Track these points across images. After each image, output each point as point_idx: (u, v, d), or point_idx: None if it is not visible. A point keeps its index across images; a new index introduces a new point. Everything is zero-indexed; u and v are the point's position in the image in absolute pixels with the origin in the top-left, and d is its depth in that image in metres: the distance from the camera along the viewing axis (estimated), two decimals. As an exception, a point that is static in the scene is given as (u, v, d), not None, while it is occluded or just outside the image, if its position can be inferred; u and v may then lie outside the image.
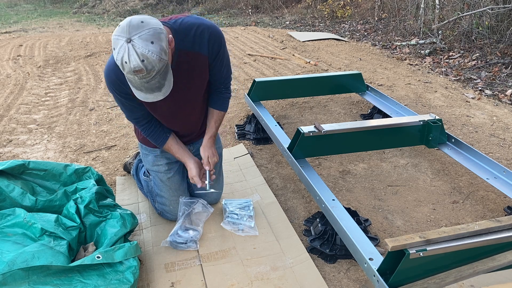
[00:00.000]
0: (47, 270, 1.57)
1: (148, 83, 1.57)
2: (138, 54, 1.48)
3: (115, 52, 1.52)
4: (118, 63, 1.53)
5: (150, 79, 1.56)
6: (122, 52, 1.50)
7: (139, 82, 1.57)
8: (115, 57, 1.54)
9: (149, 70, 1.52)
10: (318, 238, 2.10)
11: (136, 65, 1.49)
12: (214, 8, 12.05)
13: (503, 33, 5.53)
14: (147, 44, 1.49)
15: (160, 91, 1.62)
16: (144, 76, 1.54)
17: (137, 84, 1.59)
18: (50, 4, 14.59)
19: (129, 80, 1.61)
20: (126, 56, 1.49)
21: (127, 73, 1.55)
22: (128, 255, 1.75)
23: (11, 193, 1.91)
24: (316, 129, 2.46)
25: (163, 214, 2.31)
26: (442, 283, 1.52)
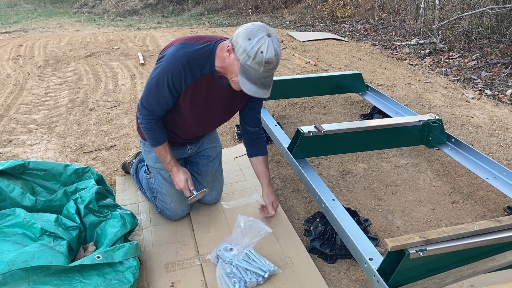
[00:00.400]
0: (47, 270, 1.57)
1: (265, 79, 1.70)
2: (275, 49, 1.65)
3: (251, 43, 1.64)
4: (252, 53, 1.64)
5: (269, 75, 1.70)
6: (261, 43, 1.63)
7: (260, 74, 1.68)
8: (251, 47, 1.64)
9: (275, 66, 1.68)
10: (318, 238, 2.10)
11: (270, 56, 1.64)
12: (214, 8, 12.05)
13: (503, 33, 5.53)
14: (278, 44, 1.69)
15: (268, 90, 1.75)
16: (269, 69, 1.67)
17: (256, 76, 1.69)
18: (50, 4, 14.59)
19: (249, 71, 1.68)
20: (264, 47, 1.63)
21: (257, 63, 1.65)
22: (128, 255, 1.75)
23: (11, 193, 1.90)
24: (316, 129, 2.46)
25: (164, 213, 2.29)
26: (442, 283, 1.52)
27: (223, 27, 9.16)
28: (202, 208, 2.39)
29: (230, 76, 1.81)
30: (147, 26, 9.92)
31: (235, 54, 1.72)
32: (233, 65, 1.75)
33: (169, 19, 11.08)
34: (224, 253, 1.93)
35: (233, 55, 1.73)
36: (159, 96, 1.90)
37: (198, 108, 1.98)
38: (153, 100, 1.92)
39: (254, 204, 2.41)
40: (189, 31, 8.35)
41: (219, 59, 1.83)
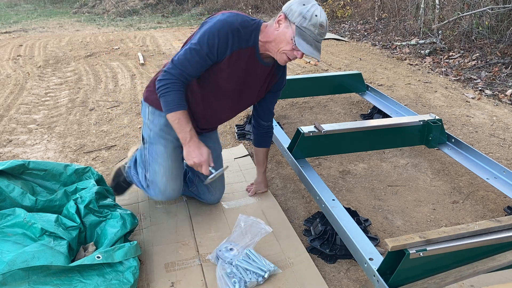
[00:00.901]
0: (47, 270, 1.57)
1: (318, 42, 1.80)
2: (325, 16, 1.80)
3: (307, 6, 1.76)
4: (308, 15, 1.75)
5: (321, 39, 1.81)
6: (314, 8, 1.77)
7: (314, 36, 1.77)
8: (306, 10, 1.75)
9: (325, 30, 1.81)
10: (318, 238, 2.10)
11: (323, 20, 1.78)
12: (214, 8, 12.05)
13: (503, 33, 5.53)
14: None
15: (319, 53, 1.83)
16: (322, 33, 1.79)
17: (311, 38, 1.78)
18: (50, 4, 14.59)
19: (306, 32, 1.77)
20: (318, 11, 1.77)
21: (312, 25, 1.76)
22: (128, 255, 1.75)
23: (11, 193, 1.90)
24: (316, 129, 2.46)
25: (152, 188, 2.09)
26: (442, 283, 1.52)
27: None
28: (202, 208, 2.39)
29: (279, 47, 1.83)
30: (147, 26, 9.93)
31: (288, 21, 1.79)
32: (284, 34, 1.80)
33: (169, 19, 11.08)
34: (224, 253, 1.93)
35: (284, 23, 1.80)
36: (199, 55, 1.81)
37: (235, 79, 1.95)
38: (190, 59, 1.81)
39: (254, 205, 2.41)
40: (189, 31, 8.35)
41: (264, 34, 1.87)
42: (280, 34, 1.81)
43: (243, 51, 1.87)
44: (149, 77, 5.07)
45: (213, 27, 1.80)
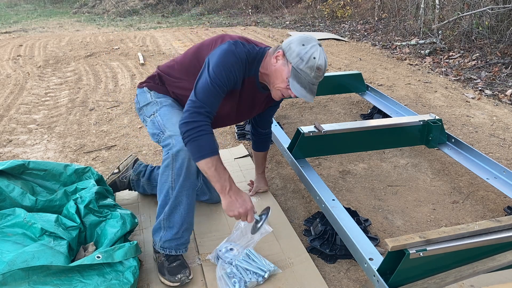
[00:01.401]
0: (47, 270, 1.57)
1: (313, 85, 1.76)
2: (325, 58, 1.75)
3: (305, 48, 1.72)
4: (305, 57, 1.71)
5: (317, 82, 1.77)
6: (314, 49, 1.72)
7: (310, 79, 1.73)
8: (304, 52, 1.71)
9: (323, 73, 1.76)
10: (318, 238, 2.10)
11: (322, 63, 1.73)
12: (214, 8, 12.06)
13: (503, 33, 5.53)
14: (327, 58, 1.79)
15: (313, 96, 1.80)
16: (318, 76, 1.75)
17: (306, 81, 1.74)
18: (50, 4, 14.59)
19: (301, 75, 1.73)
20: (317, 53, 1.72)
21: (308, 67, 1.71)
22: (128, 255, 1.75)
23: (11, 193, 1.90)
24: (316, 129, 2.46)
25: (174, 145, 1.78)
26: (442, 283, 1.52)
27: (223, 27, 9.16)
28: (202, 208, 2.39)
29: (275, 83, 1.82)
30: (147, 26, 9.93)
31: (285, 59, 1.75)
32: (281, 71, 1.77)
33: (169, 19, 11.08)
34: (224, 253, 1.93)
35: (282, 61, 1.76)
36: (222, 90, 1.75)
37: (237, 105, 1.95)
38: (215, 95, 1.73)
39: (254, 205, 2.41)
40: (189, 31, 8.35)
41: (263, 64, 1.85)
42: (276, 70, 1.79)
43: (247, 80, 1.88)
44: (149, 77, 5.07)
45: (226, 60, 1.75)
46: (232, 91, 1.83)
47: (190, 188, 1.84)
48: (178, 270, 1.83)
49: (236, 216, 1.73)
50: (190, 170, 1.80)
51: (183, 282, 1.81)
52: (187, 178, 1.80)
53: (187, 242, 1.92)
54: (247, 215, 1.74)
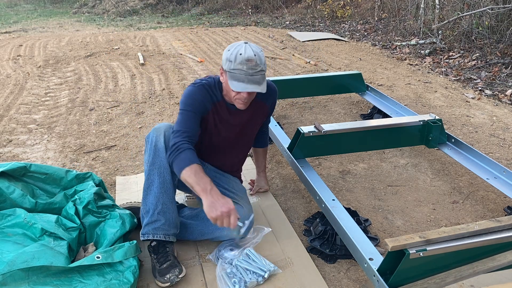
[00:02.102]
0: (47, 270, 1.57)
1: (251, 76, 1.82)
2: (253, 50, 1.83)
3: (230, 51, 1.83)
4: (232, 57, 1.81)
5: (255, 72, 1.82)
6: (238, 48, 1.83)
7: (245, 72, 1.80)
8: (230, 54, 1.82)
9: (257, 63, 1.82)
10: (318, 238, 2.10)
11: (250, 55, 1.81)
12: (214, 8, 12.06)
13: (503, 33, 5.53)
14: (259, 48, 1.88)
15: (259, 86, 1.84)
16: (253, 67, 1.81)
17: (241, 75, 1.81)
18: (50, 4, 14.59)
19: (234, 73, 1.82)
20: (242, 50, 1.82)
21: (239, 63, 1.80)
22: (128, 254, 1.75)
23: (11, 194, 1.90)
24: (316, 129, 2.46)
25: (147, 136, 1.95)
26: (442, 283, 1.52)
27: (223, 27, 9.16)
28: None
29: (230, 96, 1.93)
30: (147, 26, 9.93)
31: (224, 71, 1.88)
32: (226, 83, 1.89)
33: (169, 19, 11.08)
34: (224, 253, 1.93)
35: (224, 74, 1.89)
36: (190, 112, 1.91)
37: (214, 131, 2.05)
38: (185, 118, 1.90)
39: (254, 204, 2.41)
40: (189, 31, 8.35)
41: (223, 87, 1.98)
42: (225, 85, 1.93)
43: (217, 104, 2.00)
44: (149, 77, 5.07)
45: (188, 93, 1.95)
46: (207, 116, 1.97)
47: (161, 166, 1.87)
48: (167, 271, 1.81)
49: (218, 216, 1.68)
50: (158, 146, 1.87)
51: (173, 282, 1.79)
52: (155, 155, 1.87)
53: (165, 227, 1.86)
54: (230, 216, 1.69)
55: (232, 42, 7.03)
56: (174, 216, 1.92)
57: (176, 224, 1.95)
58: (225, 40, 7.21)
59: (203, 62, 5.75)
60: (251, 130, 2.19)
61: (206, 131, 2.03)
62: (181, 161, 1.78)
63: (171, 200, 1.91)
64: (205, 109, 1.96)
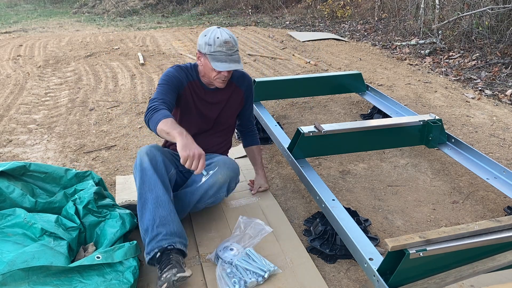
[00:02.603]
0: (47, 270, 1.57)
1: (231, 56, 2.03)
2: (227, 33, 2.04)
3: (207, 36, 2.03)
4: (211, 41, 2.01)
5: (233, 52, 2.04)
6: (214, 33, 2.03)
7: (225, 53, 2.01)
8: (208, 39, 2.02)
9: (233, 44, 2.04)
10: (318, 238, 2.10)
11: (226, 37, 2.02)
12: (214, 8, 12.05)
13: (503, 33, 5.53)
14: (230, 32, 2.07)
15: (239, 64, 2.06)
16: (231, 47, 2.02)
17: (223, 56, 2.02)
18: (50, 4, 14.59)
19: (216, 55, 2.01)
20: (218, 33, 2.02)
21: (218, 46, 2.00)
22: (128, 255, 1.75)
23: (11, 194, 1.90)
24: (316, 129, 2.46)
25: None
26: (442, 283, 1.52)
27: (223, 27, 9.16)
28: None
29: (210, 76, 2.11)
30: (147, 26, 9.93)
31: (202, 54, 2.07)
32: (206, 65, 2.08)
33: (169, 19, 11.08)
34: (224, 253, 1.93)
35: (202, 57, 2.08)
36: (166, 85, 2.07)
37: (191, 110, 2.21)
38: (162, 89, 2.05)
39: (254, 205, 2.41)
40: (189, 31, 8.35)
41: (200, 70, 2.18)
42: (204, 67, 2.11)
43: (192, 83, 2.19)
44: (149, 77, 5.07)
45: (166, 72, 2.15)
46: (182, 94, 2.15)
47: (151, 183, 1.88)
48: (165, 273, 1.74)
49: (189, 156, 1.72)
50: (143, 164, 1.92)
51: (169, 281, 1.69)
52: (143, 174, 1.90)
53: (168, 236, 1.80)
54: (199, 160, 1.73)
55: (232, 42, 7.03)
56: (176, 226, 1.85)
57: (180, 233, 1.86)
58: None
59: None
60: (230, 112, 2.33)
61: (187, 109, 2.20)
62: (157, 116, 1.86)
63: (168, 212, 1.85)
64: (181, 84, 2.13)
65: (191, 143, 1.76)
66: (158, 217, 1.82)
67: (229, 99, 2.29)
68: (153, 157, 1.94)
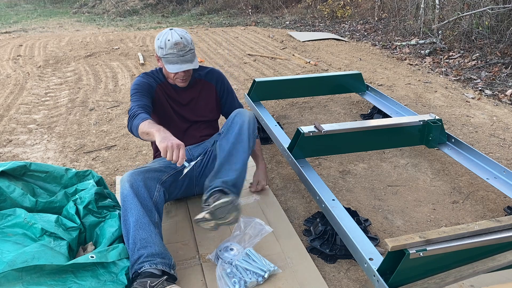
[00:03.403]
0: (40, 271, 1.56)
1: (183, 57, 2.06)
2: (178, 34, 2.08)
3: (160, 39, 2.08)
4: (162, 44, 2.06)
5: (185, 52, 2.06)
6: (166, 35, 2.07)
7: (176, 54, 2.05)
8: (160, 42, 2.07)
9: (185, 44, 2.06)
10: (318, 238, 2.10)
11: (177, 39, 2.05)
12: (214, 8, 12.05)
13: (503, 33, 5.53)
14: (183, 31, 2.11)
15: (191, 63, 2.09)
16: (182, 48, 2.05)
17: (174, 58, 2.06)
18: (50, 4, 14.59)
19: (168, 57, 2.06)
20: (169, 36, 2.06)
21: (169, 48, 2.04)
22: (122, 255, 1.74)
23: (11, 194, 1.90)
24: (316, 129, 2.46)
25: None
26: (442, 283, 1.52)
27: (223, 27, 9.15)
28: (202, 208, 2.38)
29: (171, 76, 2.19)
30: (147, 26, 9.92)
31: (158, 57, 2.14)
32: (163, 68, 2.16)
33: (169, 19, 11.08)
34: (224, 253, 1.93)
35: (160, 60, 2.15)
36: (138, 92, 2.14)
37: (166, 111, 2.27)
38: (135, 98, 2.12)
39: (254, 204, 2.41)
40: (189, 31, 8.35)
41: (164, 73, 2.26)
42: (164, 70, 2.21)
43: (161, 85, 2.25)
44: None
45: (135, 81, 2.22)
46: (155, 97, 2.22)
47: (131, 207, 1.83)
48: None
49: (168, 147, 1.75)
50: (124, 191, 1.89)
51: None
52: (124, 200, 1.87)
53: (149, 258, 1.73)
54: (179, 150, 1.77)
55: (232, 42, 7.05)
56: (159, 248, 1.78)
57: (163, 254, 1.78)
58: (225, 40, 7.21)
59: (203, 62, 5.75)
60: (206, 107, 2.37)
61: (164, 110, 2.26)
62: (136, 121, 1.96)
63: (149, 234, 1.79)
64: (151, 88, 2.20)
65: (169, 136, 1.82)
66: (138, 240, 1.76)
67: (200, 95, 2.34)
68: (133, 182, 1.89)
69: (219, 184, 1.96)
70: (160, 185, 2.00)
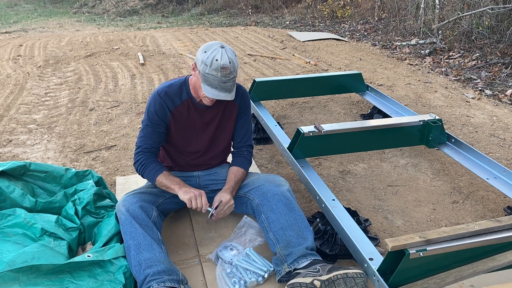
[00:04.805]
0: (37, 271, 1.56)
1: (224, 83, 1.88)
2: (228, 56, 1.87)
3: (207, 54, 1.87)
4: (208, 61, 1.86)
5: (228, 80, 1.88)
6: (215, 53, 1.86)
7: (218, 79, 1.86)
8: (206, 58, 1.86)
9: (231, 71, 1.88)
10: (318, 238, 2.10)
11: (225, 62, 1.86)
12: (214, 8, 12.05)
13: (503, 33, 5.53)
14: (233, 53, 1.93)
15: (229, 93, 1.91)
16: (227, 74, 1.87)
17: (215, 81, 1.87)
18: (50, 4, 14.59)
19: (209, 77, 1.87)
20: (218, 55, 1.86)
21: (214, 69, 1.85)
22: (119, 253, 1.74)
23: (11, 194, 1.90)
24: (316, 129, 2.46)
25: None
26: (442, 283, 1.52)
27: (223, 27, 9.16)
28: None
29: (199, 93, 1.98)
30: (147, 26, 9.93)
31: (197, 69, 1.93)
32: (198, 81, 1.94)
33: (169, 19, 11.08)
34: (224, 253, 1.93)
35: (196, 71, 1.95)
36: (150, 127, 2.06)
37: (185, 132, 2.13)
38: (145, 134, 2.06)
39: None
40: (189, 31, 8.35)
41: (191, 84, 2.06)
42: (195, 82, 1.98)
43: (181, 106, 2.07)
44: (149, 77, 5.08)
45: (148, 102, 2.08)
46: (170, 121, 2.07)
47: (131, 231, 1.84)
48: None
49: (192, 197, 1.94)
50: (121, 216, 1.90)
51: None
52: (123, 225, 1.88)
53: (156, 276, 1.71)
54: (201, 197, 1.95)
55: (232, 42, 7.04)
56: (164, 266, 1.75)
57: (169, 271, 1.75)
58: (225, 40, 7.21)
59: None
60: (226, 129, 2.21)
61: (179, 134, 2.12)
62: (149, 175, 2.05)
63: (152, 253, 1.78)
64: (164, 117, 2.05)
65: (189, 189, 1.99)
66: (143, 261, 1.75)
67: (223, 115, 2.15)
68: (129, 206, 1.91)
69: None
70: (155, 207, 2.02)
